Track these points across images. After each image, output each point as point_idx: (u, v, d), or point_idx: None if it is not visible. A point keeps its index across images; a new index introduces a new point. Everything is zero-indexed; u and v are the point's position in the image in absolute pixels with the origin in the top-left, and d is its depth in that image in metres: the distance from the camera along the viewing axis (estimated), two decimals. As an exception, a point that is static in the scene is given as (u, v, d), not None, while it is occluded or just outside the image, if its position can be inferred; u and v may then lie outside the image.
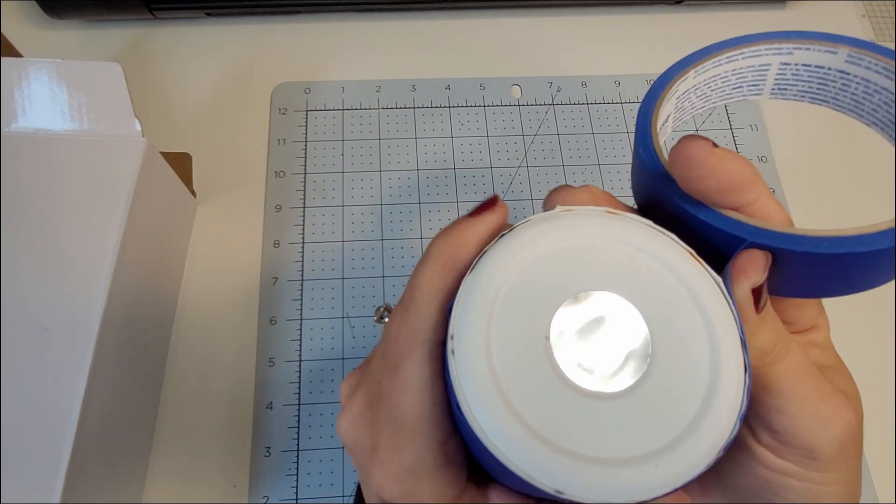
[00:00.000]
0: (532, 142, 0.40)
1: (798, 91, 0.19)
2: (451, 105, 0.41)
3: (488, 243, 0.16)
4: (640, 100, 0.41)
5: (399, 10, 0.44)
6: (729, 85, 0.20)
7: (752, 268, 0.15)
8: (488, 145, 0.40)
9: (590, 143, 0.40)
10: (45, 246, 0.27)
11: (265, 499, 0.31)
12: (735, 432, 0.14)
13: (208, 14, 0.42)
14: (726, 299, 0.15)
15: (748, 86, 0.20)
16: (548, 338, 0.15)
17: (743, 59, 0.19)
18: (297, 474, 0.31)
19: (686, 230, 0.16)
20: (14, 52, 0.34)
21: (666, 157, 0.17)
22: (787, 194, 0.39)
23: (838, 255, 0.15)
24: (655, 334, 0.15)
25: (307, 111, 0.40)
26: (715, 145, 0.15)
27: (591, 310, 0.15)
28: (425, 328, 0.16)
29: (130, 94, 0.29)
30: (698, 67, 0.19)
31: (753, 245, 0.15)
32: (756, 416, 0.17)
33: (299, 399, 0.33)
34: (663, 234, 0.16)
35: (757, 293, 0.15)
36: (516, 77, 0.42)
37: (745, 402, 0.14)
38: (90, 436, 0.25)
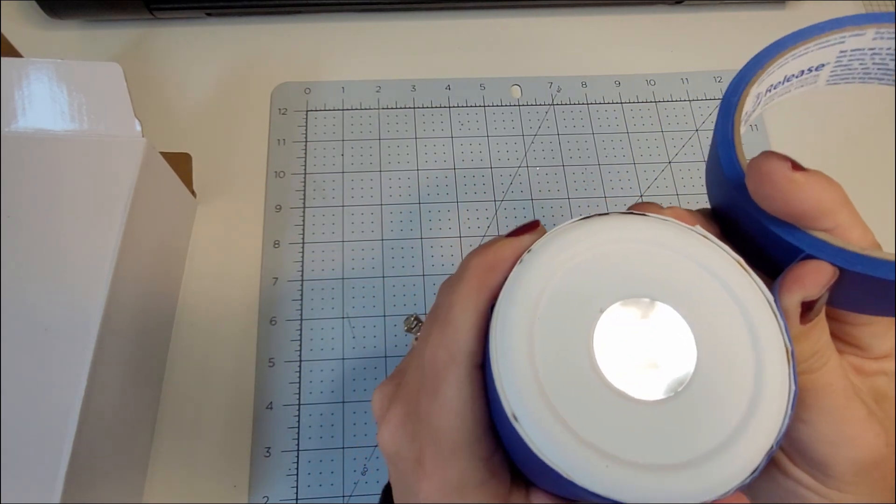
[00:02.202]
0: (532, 142, 0.40)
1: None
2: (451, 105, 0.41)
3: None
4: (640, 100, 0.41)
5: (399, 10, 0.44)
6: (879, 65, 0.16)
7: (813, 282, 0.14)
8: (488, 145, 0.40)
9: (590, 143, 0.40)
10: (45, 246, 0.27)
11: (265, 499, 0.31)
12: (780, 439, 0.14)
13: (208, 14, 0.42)
14: (774, 312, 0.15)
15: None
16: (592, 344, 0.15)
17: None
18: (297, 474, 0.31)
19: (752, 232, 0.15)
20: (14, 52, 0.34)
21: (746, 157, 0.16)
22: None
23: None
24: (701, 344, 0.15)
25: (307, 111, 0.40)
26: (795, 166, 0.14)
27: (637, 316, 0.15)
28: (463, 350, 0.16)
29: (130, 94, 0.29)
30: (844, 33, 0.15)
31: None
32: None
33: (299, 399, 0.33)
34: (715, 243, 0.16)
35: (808, 305, 0.15)
36: (516, 77, 0.42)
37: (789, 413, 0.14)
38: (90, 436, 0.25)
